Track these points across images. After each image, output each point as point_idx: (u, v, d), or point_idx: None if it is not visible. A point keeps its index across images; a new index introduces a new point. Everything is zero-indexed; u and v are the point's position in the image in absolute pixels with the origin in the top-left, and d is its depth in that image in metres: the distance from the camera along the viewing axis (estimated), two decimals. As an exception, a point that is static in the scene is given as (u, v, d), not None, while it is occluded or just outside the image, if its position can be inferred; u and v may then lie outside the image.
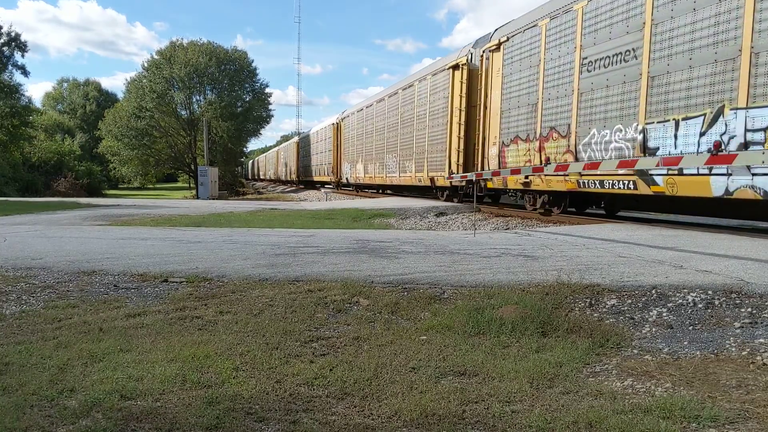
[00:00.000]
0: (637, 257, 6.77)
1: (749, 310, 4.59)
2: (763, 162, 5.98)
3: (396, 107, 23.76)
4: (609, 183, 10.97)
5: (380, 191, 28.56)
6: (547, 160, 12.45)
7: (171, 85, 52.76)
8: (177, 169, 63.97)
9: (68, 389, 3.25)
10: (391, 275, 5.85)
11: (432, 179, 19.88)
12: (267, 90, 59.16)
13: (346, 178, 32.58)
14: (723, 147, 8.33)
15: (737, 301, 4.79)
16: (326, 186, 36.46)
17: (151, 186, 72.84)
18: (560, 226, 11.73)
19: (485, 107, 16.06)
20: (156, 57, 53.72)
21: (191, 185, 61.28)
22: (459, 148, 17.50)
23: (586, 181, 11.59)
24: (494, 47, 15.43)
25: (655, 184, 9.78)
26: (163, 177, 74.85)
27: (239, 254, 7.18)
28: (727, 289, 5.04)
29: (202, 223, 12.91)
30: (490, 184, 15.77)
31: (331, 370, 3.59)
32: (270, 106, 60.64)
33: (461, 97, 17.40)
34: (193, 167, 54.64)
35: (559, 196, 13.48)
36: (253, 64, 56.79)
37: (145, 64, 54.38)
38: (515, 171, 11.83)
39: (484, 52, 16.24)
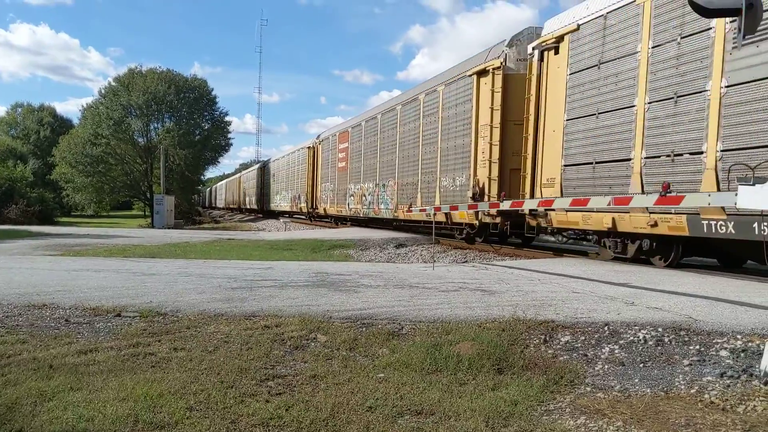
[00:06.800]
0: (590, 293, 6.92)
1: (697, 347, 4.72)
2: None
3: (290, 164, 38.71)
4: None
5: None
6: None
7: (128, 112, 51.89)
8: (132, 196, 62.77)
9: (16, 430, 3.15)
10: (350, 310, 5.85)
11: (306, 205, 33.12)
12: (227, 118, 58.85)
13: (273, 208, 44.89)
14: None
15: (686, 339, 4.93)
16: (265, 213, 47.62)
17: (105, 214, 71.16)
18: (516, 260, 11.93)
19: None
20: (114, 84, 52.97)
21: (146, 213, 60.20)
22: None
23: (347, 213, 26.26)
24: (337, 139, 27.71)
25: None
26: (117, 204, 73.28)
27: (194, 288, 7.09)
28: (676, 326, 5.18)
29: (157, 253, 12.70)
30: (320, 210, 29.72)
31: (287, 410, 3.55)
32: (229, 135, 60.26)
33: (310, 164, 31.77)
34: (149, 195, 53.67)
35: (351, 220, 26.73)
36: (213, 92, 56.56)
37: (102, 91, 53.52)
38: (494, 205, 12.06)
39: (323, 140, 30.53)
